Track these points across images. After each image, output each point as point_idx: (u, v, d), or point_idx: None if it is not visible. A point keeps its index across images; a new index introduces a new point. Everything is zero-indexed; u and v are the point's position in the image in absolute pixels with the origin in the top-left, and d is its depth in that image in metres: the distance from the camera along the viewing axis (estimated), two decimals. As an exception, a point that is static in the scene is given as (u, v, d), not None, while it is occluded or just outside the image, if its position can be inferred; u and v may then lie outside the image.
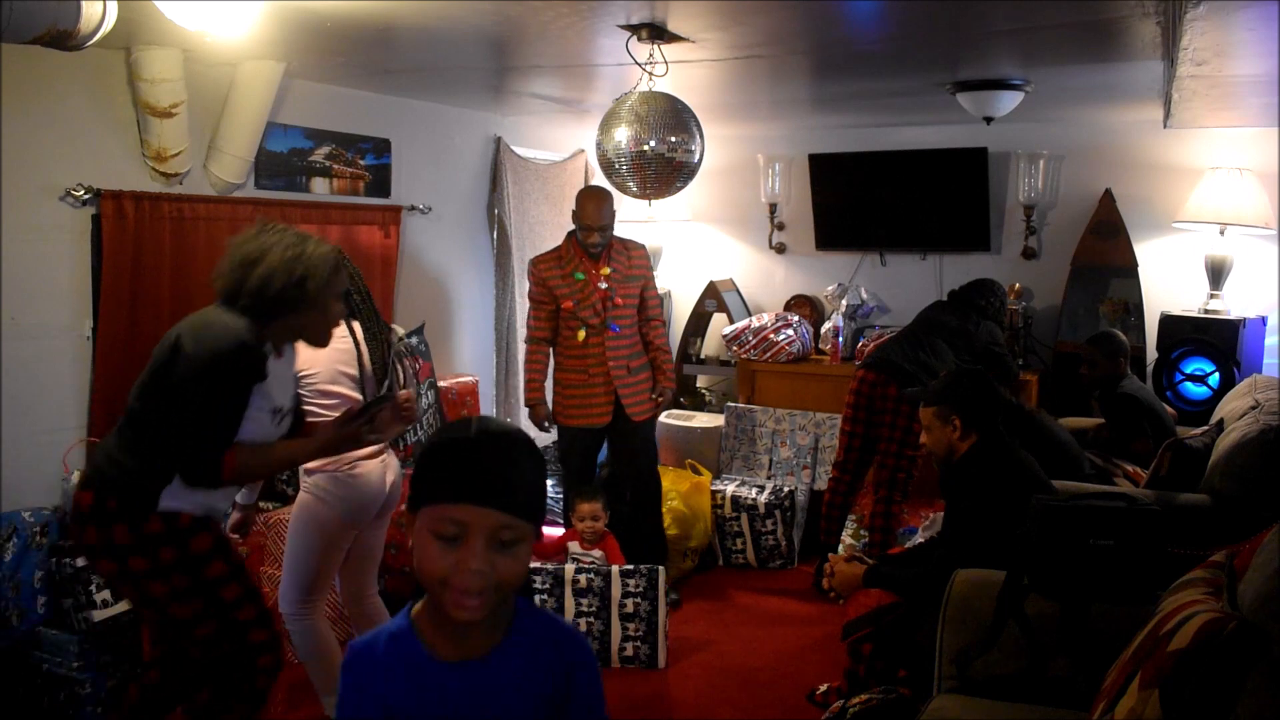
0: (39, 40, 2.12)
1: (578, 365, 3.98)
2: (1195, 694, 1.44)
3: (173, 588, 2.24)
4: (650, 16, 2.80)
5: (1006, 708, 2.20)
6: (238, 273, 2.25)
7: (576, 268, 3.90)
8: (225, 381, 2.19)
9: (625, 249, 4.02)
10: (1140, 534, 2.28)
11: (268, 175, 3.90)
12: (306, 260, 2.27)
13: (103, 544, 2.22)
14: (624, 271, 3.96)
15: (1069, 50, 3.19)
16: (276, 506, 3.79)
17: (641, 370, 4.04)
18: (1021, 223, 5.12)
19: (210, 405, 2.17)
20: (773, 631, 3.91)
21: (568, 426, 4.06)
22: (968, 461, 2.85)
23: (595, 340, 3.93)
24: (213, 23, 2.45)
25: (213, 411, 2.18)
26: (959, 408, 2.87)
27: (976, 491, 2.76)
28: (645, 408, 4.04)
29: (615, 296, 3.92)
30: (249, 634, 2.33)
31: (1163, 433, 3.92)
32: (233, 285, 2.25)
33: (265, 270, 2.23)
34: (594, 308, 3.90)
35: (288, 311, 2.29)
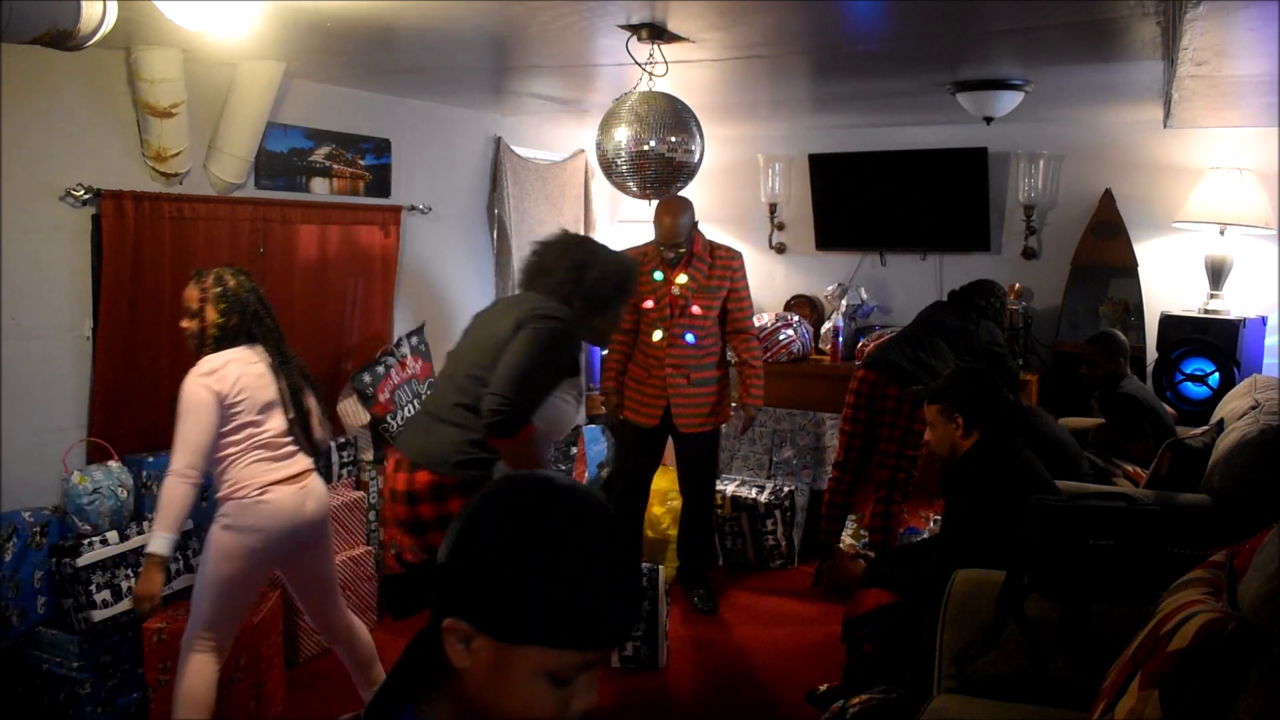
0: (39, 40, 2.11)
1: (644, 361, 3.99)
2: (1195, 694, 1.44)
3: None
4: (650, 16, 2.80)
5: (1006, 708, 2.20)
6: (571, 273, 2.65)
7: (656, 267, 3.90)
8: (557, 357, 2.54)
9: (711, 257, 3.91)
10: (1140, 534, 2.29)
11: (268, 175, 3.90)
12: (628, 266, 2.77)
13: (438, 518, 2.53)
14: (701, 281, 3.89)
15: (1069, 50, 3.19)
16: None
17: (705, 384, 3.95)
18: (1021, 223, 5.12)
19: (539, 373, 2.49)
20: (773, 631, 3.91)
21: (623, 418, 4.08)
22: (969, 460, 2.86)
23: (663, 342, 3.92)
24: (213, 23, 2.45)
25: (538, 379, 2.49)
26: (961, 406, 2.87)
27: (977, 490, 2.77)
28: (695, 421, 3.94)
29: (691, 305, 3.87)
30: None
31: (1163, 433, 3.92)
32: (568, 284, 2.64)
33: (599, 272, 2.67)
34: (663, 311, 3.90)
35: (604, 310, 2.70)
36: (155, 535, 2.55)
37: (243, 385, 2.67)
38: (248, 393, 2.68)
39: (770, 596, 4.28)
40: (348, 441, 4.09)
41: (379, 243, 4.35)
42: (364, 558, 3.87)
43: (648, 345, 3.97)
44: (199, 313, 2.72)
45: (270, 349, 2.79)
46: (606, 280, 2.71)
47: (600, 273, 2.70)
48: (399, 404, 4.07)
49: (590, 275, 2.68)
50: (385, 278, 4.41)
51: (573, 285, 2.67)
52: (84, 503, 3.05)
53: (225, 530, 2.67)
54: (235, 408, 2.66)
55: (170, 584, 3.19)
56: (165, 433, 3.51)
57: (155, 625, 3.04)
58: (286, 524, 2.73)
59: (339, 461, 4.04)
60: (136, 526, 3.17)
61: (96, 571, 2.99)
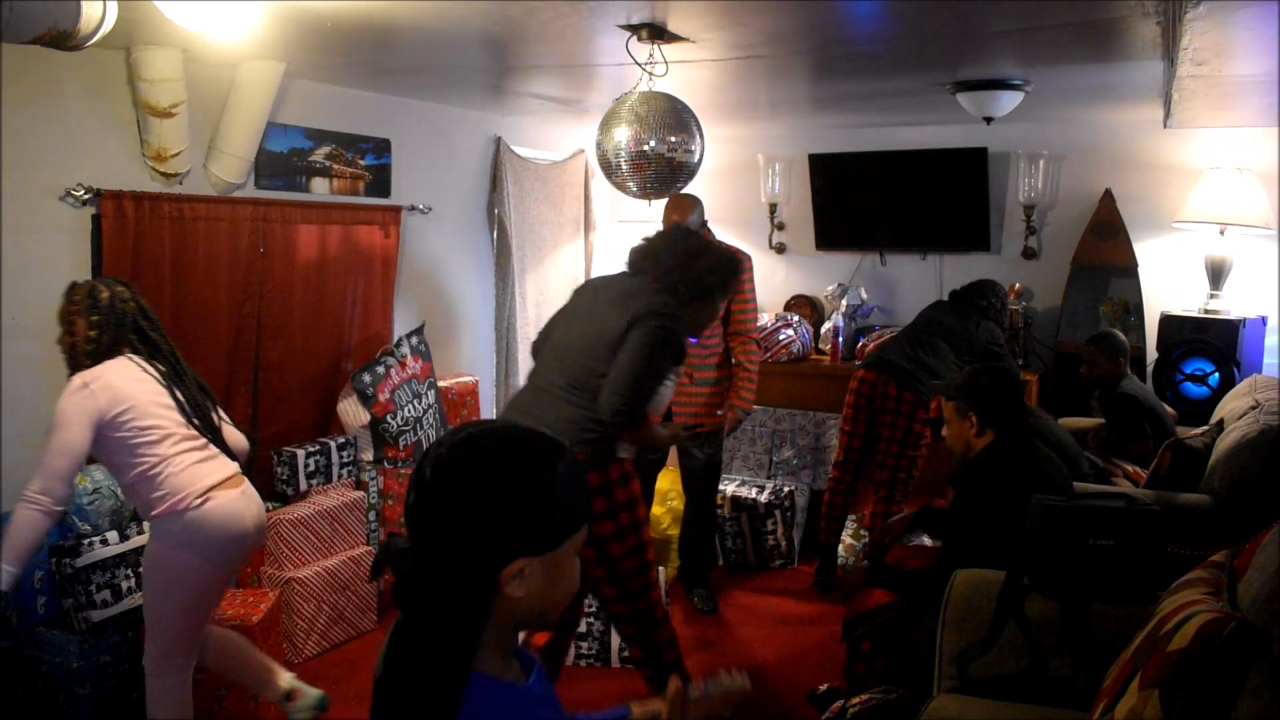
0: (39, 40, 2.11)
1: None
2: (1195, 694, 1.44)
3: (618, 525, 2.67)
4: (650, 16, 2.80)
5: (1006, 708, 2.20)
6: (681, 263, 2.73)
7: None
8: (668, 354, 2.65)
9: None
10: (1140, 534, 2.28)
11: (268, 175, 3.90)
12: (736, 261, 2.89)
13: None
14: None
15: (1069, 50, 3.19)
16: (276, 506, 3.80)
17: (706, 384, 3.94)
18: (1021, 223, 5.12)
19: (653, 371, 2.61)
20: (773, 631, 3.91)
21: None
22: (982, 458, 2.85)
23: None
24: (212, 23, 2.45)
25: (652, 377, 2.63)
26: (975, 404, 2.86)
27: (985, 488, 2.76)
28: (692, 421, 3.91)
29: None
30: (651, 571, 2.78)
31: (1163, 433, 3.92)
32: (676, 273, 2.72)
33: (707, 265, 2.76)
34: None
35: (706, 301, 2.80)
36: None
37: (125, 393, 2.50)
38: (133, 399, 2.51)
39: (770, 596, 4.28)
40: (348, 442, 4.09)
41: (379, 243, 4.35)
42: (364, 558, 3.87)
43: None
44: (70, 328, 2.56)
45: (160, 361, 2.62)
46: (714, 273, 2.80)
47: (708, 265, 2.78)
48: (399, 404, 4.07)
49: (699, 266, 2.77)
50: (385, 278, 4.41)
51: (680, 274, 2.75)
52: (84, 503, 3.05)
53: (174, 549, 2.53)
54: (123, 417, 2.49)
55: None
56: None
57: (155, 625, 3.04)
58: (237, 531, 2.61)
59: (339, 462, 4.04)
60: (137, 526, 3.17)
61: (96, 571, 2.99)
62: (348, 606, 3.78)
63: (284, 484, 3.88)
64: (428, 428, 4.23)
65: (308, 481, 3.90)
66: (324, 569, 3.68)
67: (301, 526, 3.67)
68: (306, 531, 3.69)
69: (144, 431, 2.52)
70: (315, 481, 3.94)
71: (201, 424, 2.64)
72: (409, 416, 4.11)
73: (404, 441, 4.10)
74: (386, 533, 4.12)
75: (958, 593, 2.49)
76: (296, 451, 3.87)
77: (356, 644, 3.76)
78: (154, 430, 2.54)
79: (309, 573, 3.62)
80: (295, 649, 3.58)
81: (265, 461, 3.92)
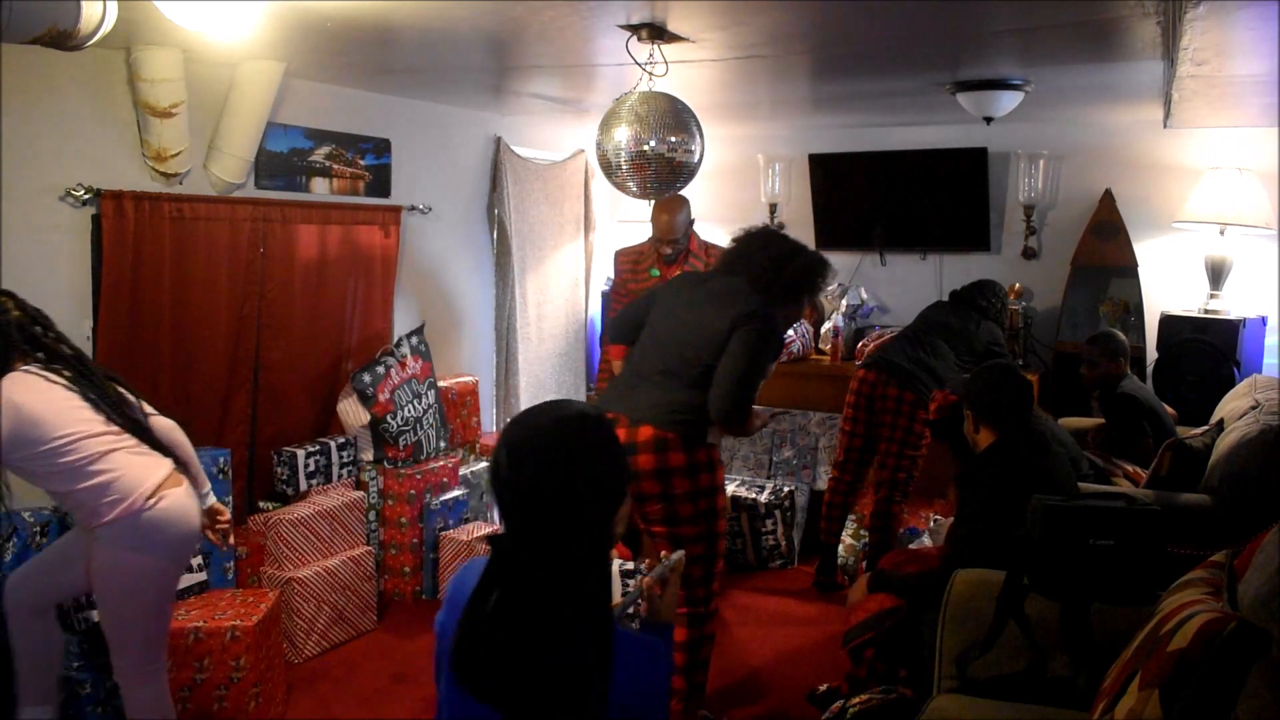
0: (39, 40, 2.12)
1: None
2: (1195, 694, 1.44)
3: (696, 509, 2.78)
4: (650, 16, 2.80)
5: (1006, 708, 2.20)
6: (772, 265, 2.84)
7: (652, 265, 3.97)
8: (769, 353, 2.77)
9: (706, 253, 4.02)
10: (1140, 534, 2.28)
11: (268, 175, 3.90)
12: (823, 264, 2.98)
13: (655, 469, 2.73)
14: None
15: (1069, 50, 3.19)
16: (276, 506, 3.80)
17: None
18: (1021, 223, 5.12)
19: (757, 371, 2.73)
20: (773, 631, 3.91)
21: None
22: (984, 458, 2.84)
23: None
24: (212, 23, 2.45)
25: (756, 375, 2.74)
26: (971, 403, 2.86)
27: (987, 488, 2.75)
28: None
29: None
30: (717, 563, 2.89)
31: (1163, 433, 3.92)
32: (768, 275, 2.83)
33: (797, 267, 2.87)
34: None
35: (795, 302, 2.91)
36: None
37: (29, 408, 2.35)
38: (40, 412, 2.36)
39: (770, 596, 4.27)
40: (348, 442, 4.09)
41: (379, 243, 4.35)
42: (364, 558, 3.87)
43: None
44: None
45: (62, 365, 2.47)
46: (804, 275, 2.91)
47: (799, 268, 2.89)
48: (399, 404, 4.07)
49: (790, 268, 2.87)
50: (385, 278, 4.41)
51: (773, 277, 2.86)
52: (84, 503, 3.05)
53: (131, 552, 2.45)
54: (35, 434, 2.35)
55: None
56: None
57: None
58: (190, 529, 2.55)
59: (339, 462, 4.04)
60: (136, 526, 3.17)
61: (96, 571, 2.98)
62: (348, 606, 3.78)
63: (284, 484, 3.88)
64: (428, 428, 4.23)
65: (308, 481, 3.90)
66: (324, 569, 3.68)
67: (301, 526, 3.67)
68: (306, 531, 3.69)
69: (66, 441, 2.38)
70: (315, 481, 3.94)
71: (123, 421, 2.51)
72: (409, 416, 4.11)
73: (404, 441, 4.10)
74: (387, 533, 4.12)
75: (958, 593, 2.49)
76: (296, 451, 3.87)
77: (356, 644, 3.76)
78: (75, 437, 2.40)
79: (309, 573, 3.62)
80: (295, 649, 3.58)
81: (265, 461, 3.92)
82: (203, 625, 3.05)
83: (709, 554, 2.85)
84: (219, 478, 3.50)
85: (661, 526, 2.82)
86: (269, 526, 3.62)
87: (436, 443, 4.29)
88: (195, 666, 3.04)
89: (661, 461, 2.74)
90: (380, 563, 4.13)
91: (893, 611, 2.82)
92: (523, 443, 1.36)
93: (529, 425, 1.39)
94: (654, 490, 2.76)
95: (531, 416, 1.41)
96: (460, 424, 4.63)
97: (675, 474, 2.75)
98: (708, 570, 2.86)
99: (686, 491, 2.77)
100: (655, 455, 2.74)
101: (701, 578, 2.85)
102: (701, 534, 2.81)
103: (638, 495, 2.78)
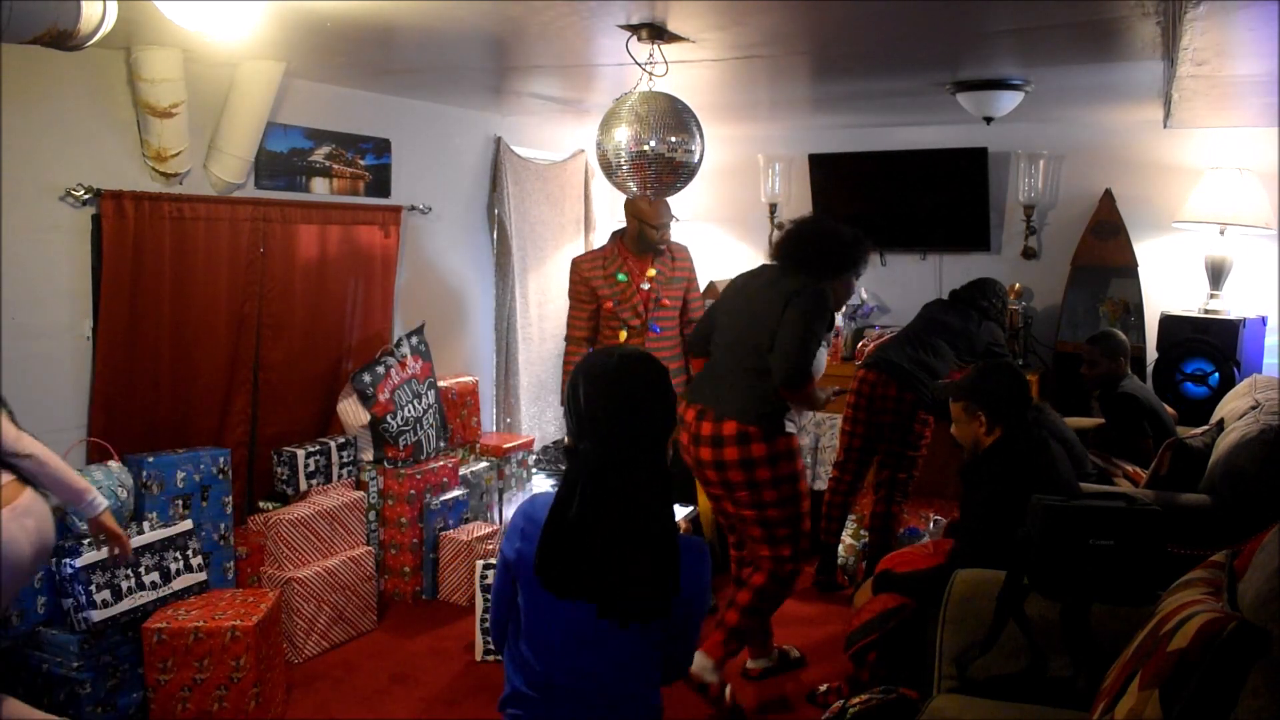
0: (39, 40, 2.11)
1: None
2: (1195, 694, 1.44)
3: (780, 494, 3.03)
4: (650, 16, 2.80)
5: (1006, 708, 2.20)
6: (819, 246, 3.11)
7: (620, 269, 3.98)
8: (821, 321, 3.01)
9: (670, 250, 4.08)
10: (1140, 534, 2.28)
11: (268, 175, 3.90)
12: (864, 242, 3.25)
13: (740, 459, 2.99)
14: (668, 274, 4.04)
15: (1069, 50, 3.19)
16: (276, 506, 3.80)
17: (679, 374, 4.03)
18: (1021, 223, 5.12)
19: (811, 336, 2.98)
20: (773, 631, 3.91)
21: None
22: (989, 456, 2.85)
23: (635, 341, 3.99)
24: (212, 23, 2.45)
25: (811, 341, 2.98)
26: (983, 403, 2.86)
27: (994, 486, 2.75)
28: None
29: (661, 298, 4.00)
30: (800, 541, 3.12)
31: (1163, 433, 3.92)
32: (815, 257, 3.09)
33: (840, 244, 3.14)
34: (634, 309, 3.97)
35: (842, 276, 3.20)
36: None
37: None
38: None
39: (770, 596, 4.27)
40: (348, 442, 4.09)
41: (379, 243, 4.35)
42: (364, 558, 3.87)
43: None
44: None
45: None
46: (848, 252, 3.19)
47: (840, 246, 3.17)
48: (399, 404, 4.07)
49: (833, 248, 3.15)
50: (385, 278, 4.40)
51: (818, 258, 3.11)
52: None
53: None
54: None
55: (170, 584, 3.19)
56: (165, 433, 3.54)
57: (155, 625, 3.04)
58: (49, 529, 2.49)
59: (339, 462, 4.04)
60: (136, 526, 3.17)
61: (96, 571, 2.99)
62: (348, 606, 3.78)
63: (284, 484, 3.88)
64: (428, 428, 4.23)
65: (308, 481, 3.90)
66: (324, 569, 3.68)
67: (301, 526, 3.67)
68: (306, 531, 3.69)
69: None
70: (315, 481, 3.94)
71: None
72: (409, 416, 4.11)
73: (404, 441, 4.10)
74: (386, 533, 4.12)
75: (958, 593, 2.49)
76: (296, 451, 3.87)
77: (356, 644, 3.76)
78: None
79: (309, 573, 3.62)
80: (295, 649, 3.58)
81: (265, 461, 3.92)
82: (203, 625, 3.05)
83: (793, 533, 3.10)
84: (219, 478, 3.51)
85: (750, 510, 3.08)
86: (269, 526, 3.62)
87: (436, 443, 4.29)
88: (195, 666, 3.04)
89: (745, 453, 3.00)
90: (380, 563, 4.13)
91: (896, 611, 2.82)
92: (606, 373, 1.64)
93: (607, 360, 1.67)
94: (739, 479, 3.04)
95: (605, 355, 1.69)
96: (460, 424, 4.63)
97: (759, 464, 3.01)
98: (794, 532, 3.10)
99: (770, 479, 3.03)
100: (739, 448, 3.01)
101: (786, 537, 3.10)
102: (788, 515, 3.08)
103: (725, 483, 3.06)
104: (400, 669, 3.55)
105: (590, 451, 1.60)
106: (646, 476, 1.60)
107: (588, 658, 1.63)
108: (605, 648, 1.62)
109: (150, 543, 3.15)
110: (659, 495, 1.61)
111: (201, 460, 3.45)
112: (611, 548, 1.57)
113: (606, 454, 1.59)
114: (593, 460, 1.60)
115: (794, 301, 3.00)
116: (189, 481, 3.41)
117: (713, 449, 3.06)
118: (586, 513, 1.57)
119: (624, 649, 1.62)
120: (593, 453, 1.60)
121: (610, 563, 1.56)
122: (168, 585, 3.18)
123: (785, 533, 3.10)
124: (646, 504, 1.59)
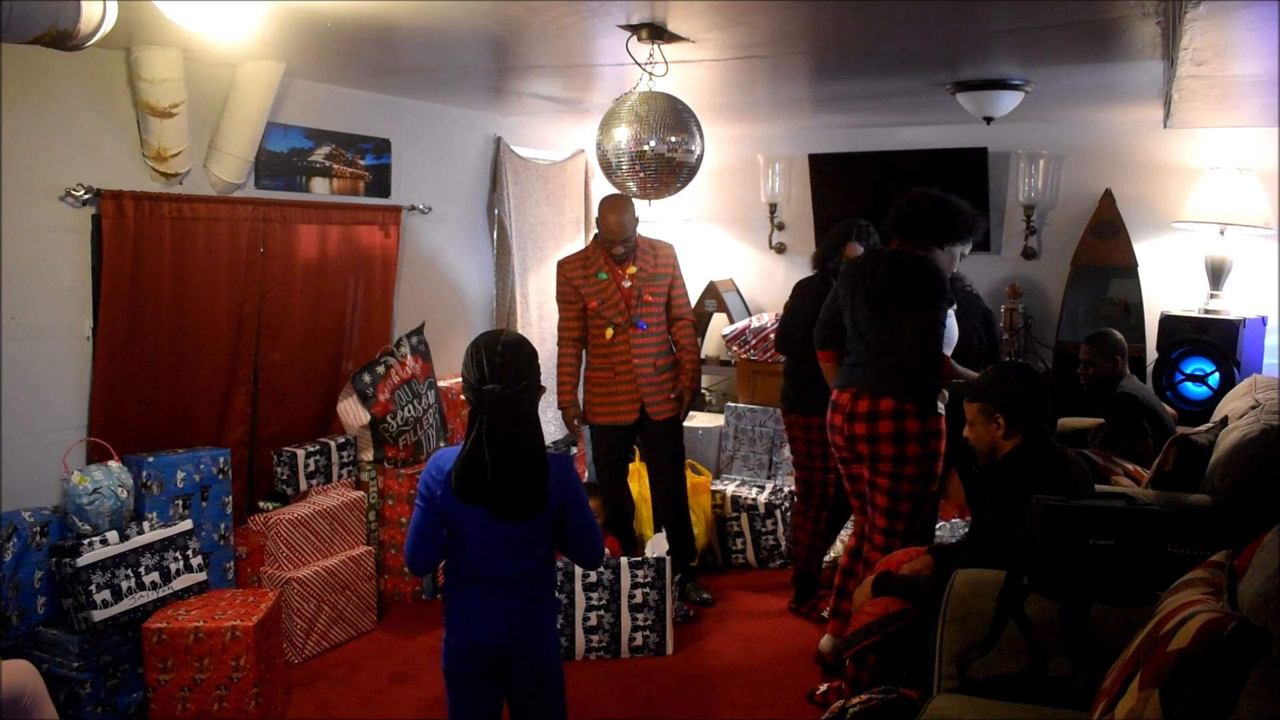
0: (39, 40, 2.11)
1: (605, 363, 4.05)
2: (1195, 694, 1.44)
3: (920, 470, 3.15)
4: (650, 16, 2.80)
5: (1006, 708, 2.20)
6: (923, 223, 3.18)
7: (600, 268, 3.99)
8: (941, 301, 3.12)
9: (652, 248, 4.09)
10: (1140, 534, 2.28)
11: (268, 175, 3.90)
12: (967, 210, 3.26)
13: (894, 431, 3.12)
14: (650, 270, 4.04)
15: (1069, 50, 3.19)
16: (276, 506, 3.80)
17: (667, 369, 4.09)
18: (1021, 223, 5.12)
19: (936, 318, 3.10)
20: (773, 631, 3.91)
21: (596, 424, 4.13)
22: (1009, 462, 2.76)
23: (622, 338, 4.00)
24: (212, 23, 2.45)
25: (937, 313, 3.10)
26: (1003, 405, 2.76)
27: (1014, 494, 2.64)
28: (664, 407, 4.06)
29: (643, 294, 4.01)
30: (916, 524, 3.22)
31: (1163, 432, 3.92)
32: (918, 235, 3.19)
33: (943, 218, 3.20)
34: (618, 306, 3.97)
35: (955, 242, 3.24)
36: None
37: None
38: None
39: (770, 596, 4.27)
40: (348, 442, 4.09)
41: (379, 243, 4.35)
42: (364, 558, 3.87)
43: (602, 346, 4.04)
44: None
45: None
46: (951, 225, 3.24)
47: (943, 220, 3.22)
48: (399, 404, 4.07)
49: (936, 222, 3.21)
50: (385, 278, 4.41)
51: (921, 234, 3.20)
52: (84, 503, 3.05)
53: None
54: None
55: (170, 584, 3.19)
56: (165, 433, 3.54)
57: (155, 625, 3.05)
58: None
59: (339, 461, 4.04)
60: (136, 526, 3.17)
61: (96, 571, 2.99)
62: (348, 606, 3.78)
63: (284, 484, 3.88)
64: (428, 428, 4.23)
65: (307, 481, 3.90)
66: (324, 569, 3.68)
67: (301, 526, 3.67)
68: (306, 531, 3.69)
69: None
70: (315, 481, 3.94)
71: None
72: (409, 416, 4.11)
73: (404, 441, 4.10)
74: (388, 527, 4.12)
75: (958, 593, 2.49)
76: (296, 451, 3.87)
77: (356, 644, 3.76)
78: None
79: (309, 573, 3.62)
80: (295, 649, 3.58)
81: (265, 461, 3.92)
82: (203, 625, 3.05)
83: (915, 508, 3.20)
84: (219, 478, 3.51)
85: (886, 480, 3.18)
86: (269, 526, 3.62)
87: (436, 443, 4.29)
88: (195, 666, 3.04)
89: (900, 427, 3.12)
90: (380, 563, 4.13)
91: (897, 616, 2.78)
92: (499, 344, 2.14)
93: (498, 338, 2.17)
94: (889, 452, 3.14)
95: (496, 334, 2.19)
96: (460, 424, 4.63)
97: (910, 439, 3.13)
98: (914, 510, 3.20)
99: (918, 455, 3.13)
100: (895, 422, 3.12)
101: (907, 513, 3.20)
102: (917, 492, 3.19)
103: (875, 455, 3.17)
104: (400, 669, 3.55)
105: (489, 391, 2.08)
106: (526, 411, 2.12)
107: (495, 549, 2.17)
108: (506, 541, 2.16)
109: (150, 543, 3.15)
110: (531, 427, 2.13)
111: (201, 460, 3.45)
112: (499, 464, 2.06)
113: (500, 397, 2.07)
114: (489, 397, 2.07)
115: (910, 283, 3.12)
116: (189, 481, 3.41)
117: (868, 423, 3.18)
118: (483, 439, 2.08)
119: (519, 540, 2.17)
120: (489, 393, 2.08)
121: (499, 476, 2.07)
122: (168, 585, 3.18)
123: (907, 508, 3.19)
124: (522, 433, 2.10)
